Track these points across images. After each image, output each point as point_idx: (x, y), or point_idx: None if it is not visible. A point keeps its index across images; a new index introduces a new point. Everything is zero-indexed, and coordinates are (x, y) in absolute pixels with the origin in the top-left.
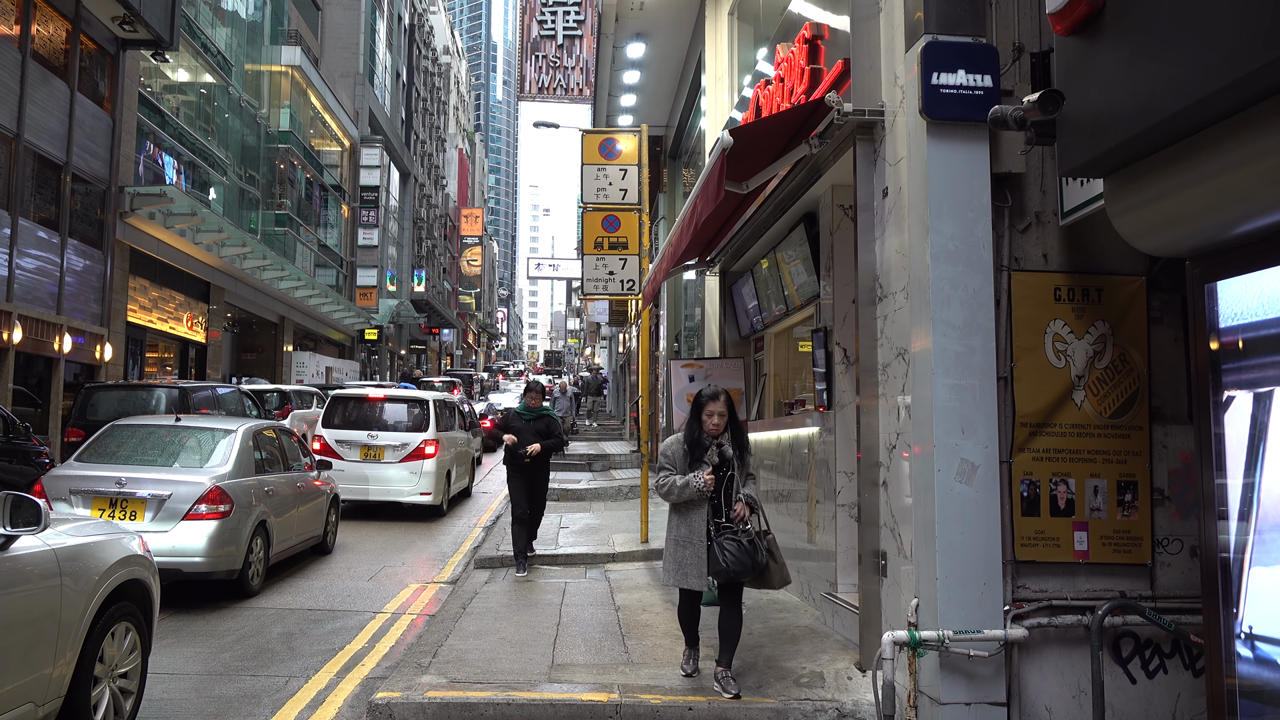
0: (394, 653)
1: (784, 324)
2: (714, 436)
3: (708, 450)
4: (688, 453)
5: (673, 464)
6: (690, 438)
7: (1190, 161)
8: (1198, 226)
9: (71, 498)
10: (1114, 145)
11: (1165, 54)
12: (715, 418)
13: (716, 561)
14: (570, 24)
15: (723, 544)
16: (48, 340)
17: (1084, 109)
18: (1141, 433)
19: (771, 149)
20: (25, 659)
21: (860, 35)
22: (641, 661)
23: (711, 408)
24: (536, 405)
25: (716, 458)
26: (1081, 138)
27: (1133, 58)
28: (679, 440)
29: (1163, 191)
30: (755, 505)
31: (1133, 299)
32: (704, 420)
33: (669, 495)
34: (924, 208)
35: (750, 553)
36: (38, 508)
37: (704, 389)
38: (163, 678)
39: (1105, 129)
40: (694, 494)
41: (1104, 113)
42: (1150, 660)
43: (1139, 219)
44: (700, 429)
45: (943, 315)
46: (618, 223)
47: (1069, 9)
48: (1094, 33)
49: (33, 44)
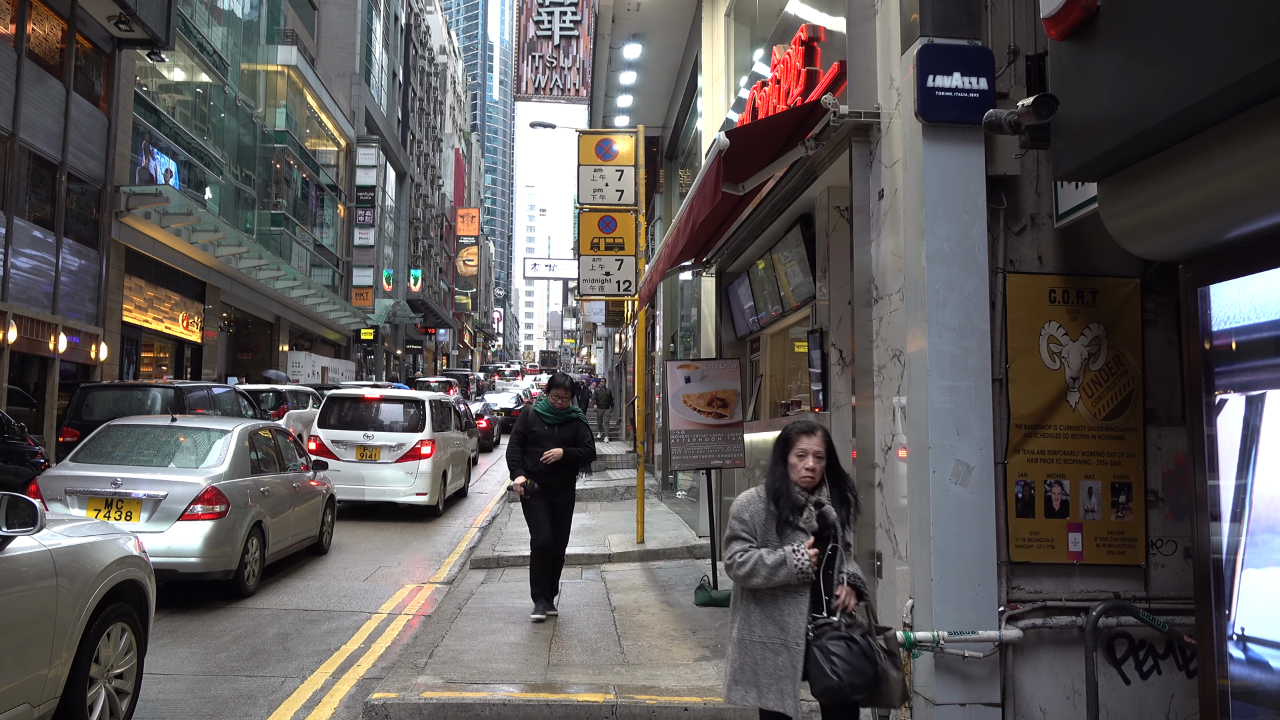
0: (390, 653)
1: (780, 325)
2: (808, 489)
3: (803, 511)
4: (773, 514)
5: (751, 531)
6: (774, 491)
7: (1183, 166)
8: (1191, 231)
9: (67, 498)
10: (1107, 150)
11: (1158, 59)
12: (810, 460)
13: (822, 673)
14: (567, 24)
15: (827, 648)
16: (43, 340)
17: (1078, 113)
18: (1135, 434)
19: (768, 151)
20: (21, 660)
21: (856, 37)
22: (637, 662)
23: (805, 445)
24: (564, 406)
25: (815, 523)
26: (1075, 142)
27: (1126, 63)
28: (759, 497)
29: (1156, 196)
30: (864, 590)
31: (1127, 301)
32: (792, 465)
33: (753, 578)
34: (919, 210)
35: (866, 659)
36: (33, 508)
37: (793, 423)
38: (158, 678)
39: (1099, 133)
40: (790, 578)
41: (1097, 117)
42: (1144, 661)
43: (1132, 223)
44: (787, 479)
45: (938, 317)
46: (614, 223)
47: (1063, 14)
48: (1088, 37)
49: (28, 43)
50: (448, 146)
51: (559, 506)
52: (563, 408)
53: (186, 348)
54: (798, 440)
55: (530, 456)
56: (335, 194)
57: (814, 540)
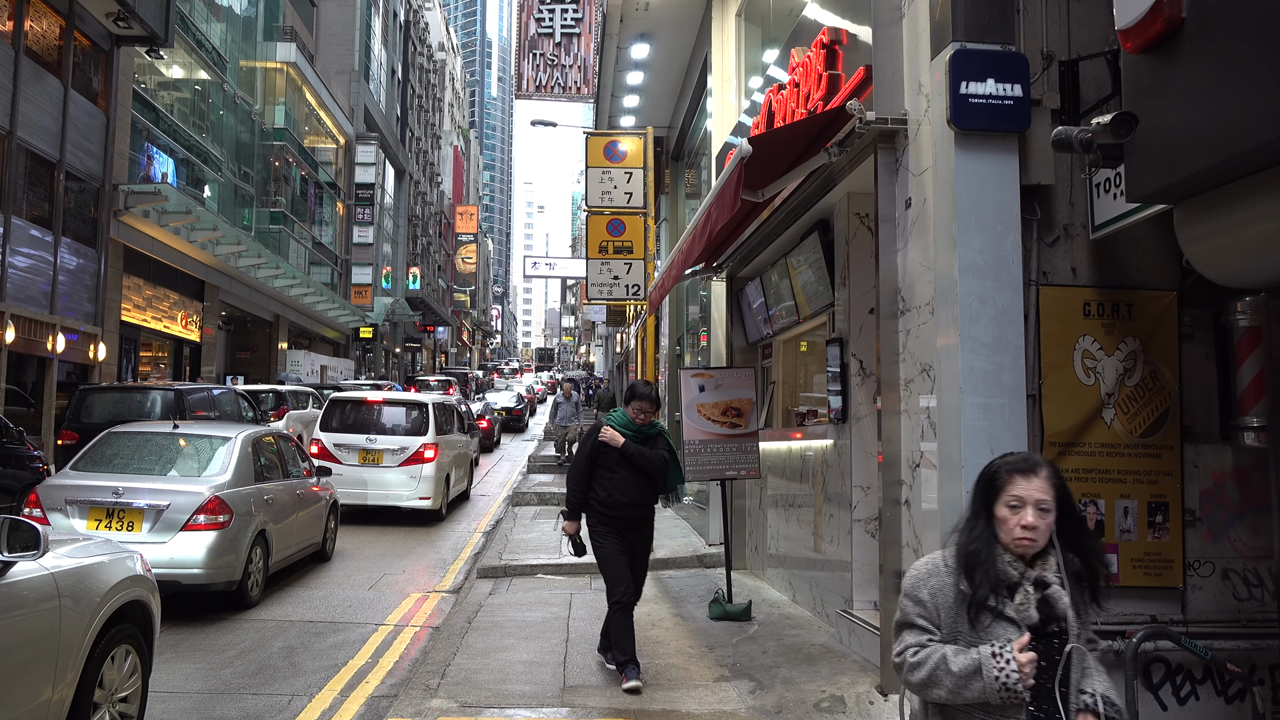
0: (398, 668)
1: (794, 332)
2: (1024, 556)
3: (1014, 591)
4: (968, 594)
5: (932, 617)
6: (969, 558)
7: (1275, 191)
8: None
9: (67, 508)
10: (1193, 172)
11: (1253, 77)
12: (1029, 514)
13: None
14: (568, 22)
15: None
16: (40, 340)
17: (1158, 132)
18: (1172, 452)
19: (789, 156)
20: (24, 686)
21: (882, 41)
22: (655, 683)
23: (1021, 490)
24: (646, 422)
25: (1035, 612)
26: (1155, 162)
27: (1215, 80)
28: (943, 566)
29: (1242, 221)
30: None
31: (1164, 315)
32: (1001, 520)
33: (932, 688)
34: (951, 221)
35: None
36: (36, 533)
37: (1002, 459)
38: (162, 696)
39: (1183, 154)
40: (989, 695)
41: (1182, 137)
42: (1181, 686)
43: (1214, 248)
44: (991, 542)
45: (971, 332)
46: (623, 227)
47: (1143, 25)
48: (1170, 51)
49: (26, 40)
50: (446, 144)
51: (638, 544)
52: (645, 424)
53: (185, 347)
54: (1010, 483)
55: (601, 484)
56: (334, 192)
57: (1030, 637)
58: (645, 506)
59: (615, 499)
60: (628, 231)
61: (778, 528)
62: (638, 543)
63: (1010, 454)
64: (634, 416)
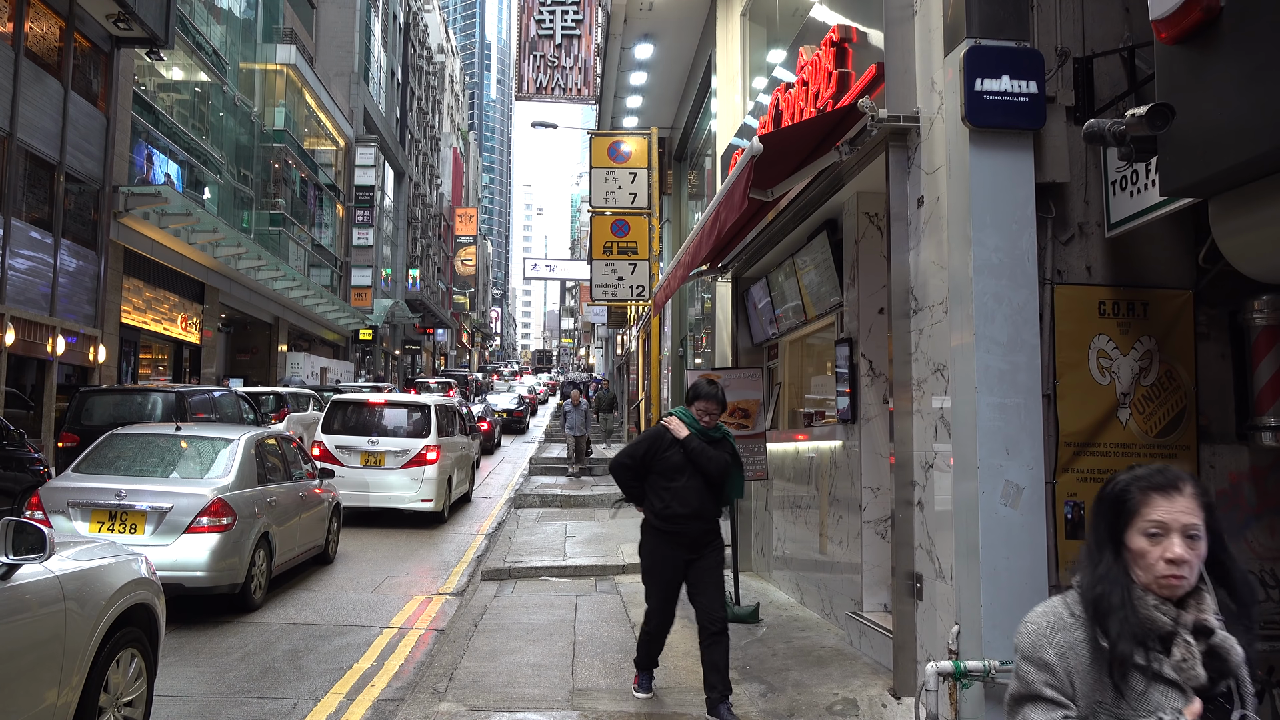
0: (403, 671)
1: (801, 332)
2: (1176, 600)
3: (1170, 644)
4: (1113, 649)
5: (1063, 684)
6: (1101, 605)
7: None
8: None
9: (70, 510)
10: (1231, 165)
11: None
12: (1177, 545)
13: None
14: (569, 23)
15: None
16: (40, 342)
17: (1194, 125)
18: (1189, 452)
19: (798, 155)
20: (29, 690)
21: (894, 39)
22: (665, 686)
23: (1163, 514)
24: (712, 424)
25: (1200, 669)
26: (1191, 155)
27: (1256, 71)
28: (1069, 618)
29: None
30: None
31: (1179, 314)
32: (1140, 553)
33: None
34: (965, 219)
35: None
36: (42, 535)
37: (1132, 474)
38: (167, 700)
39: (1222, 147)
40: None
41: (1219, 129)
42: None
43: (1250, 242)
44: (1127, 585)
45: (986, 331)
46: (627, 227)
47: (1179, 15)
48: (1207, 42)
49: (26, 41)
50: (446, 146)
51: (703, 569)
52: (710, 425)
53: (185, 349)
54: (1146, 504)
55: (657, 494)
56: (334, 194)
57: (1201, 705)
58: (708, 519)
59: (674, 511)
60: (632, 232)
61: (784, 529)
62: (704, 565)
63: (1137, 467)
64: (699, 417)
